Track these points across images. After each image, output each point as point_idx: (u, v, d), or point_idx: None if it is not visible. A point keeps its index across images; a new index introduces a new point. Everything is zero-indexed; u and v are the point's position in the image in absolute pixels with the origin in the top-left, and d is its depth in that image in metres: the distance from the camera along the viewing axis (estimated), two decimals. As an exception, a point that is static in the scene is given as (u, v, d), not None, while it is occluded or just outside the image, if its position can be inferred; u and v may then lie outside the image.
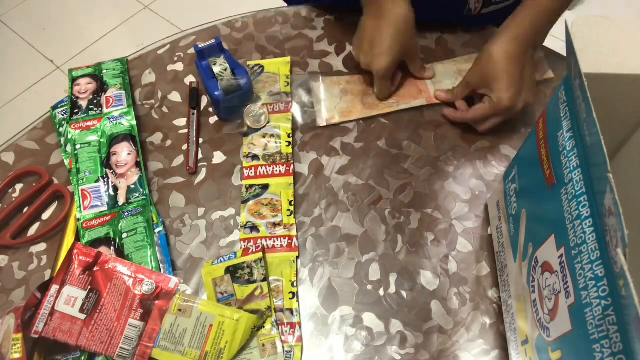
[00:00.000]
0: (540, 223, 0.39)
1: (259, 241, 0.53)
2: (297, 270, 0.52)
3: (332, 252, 0.53)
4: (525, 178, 0.44)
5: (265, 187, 0.57)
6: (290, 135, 0.61)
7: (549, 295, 0.35)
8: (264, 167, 0.58)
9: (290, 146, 0.60)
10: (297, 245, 0.53)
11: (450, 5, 0.67)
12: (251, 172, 0.58)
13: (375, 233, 0.54)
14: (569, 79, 0.35)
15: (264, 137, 0.61)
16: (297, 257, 0.53)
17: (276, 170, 0.58)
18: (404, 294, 0.51)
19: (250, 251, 0.51)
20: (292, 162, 0.59)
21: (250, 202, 0.56)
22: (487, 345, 0.47)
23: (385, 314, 0.49)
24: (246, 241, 0.54)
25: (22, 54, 1.81)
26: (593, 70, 0.34)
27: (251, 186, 0.57)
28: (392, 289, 0.51)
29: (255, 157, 0.59)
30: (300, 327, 0.49)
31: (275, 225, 0.54)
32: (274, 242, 0.53)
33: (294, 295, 0.50)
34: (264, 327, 0.48)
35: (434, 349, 0.47)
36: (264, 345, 0.47)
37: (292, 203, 0.56)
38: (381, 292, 0.51)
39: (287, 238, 0.53)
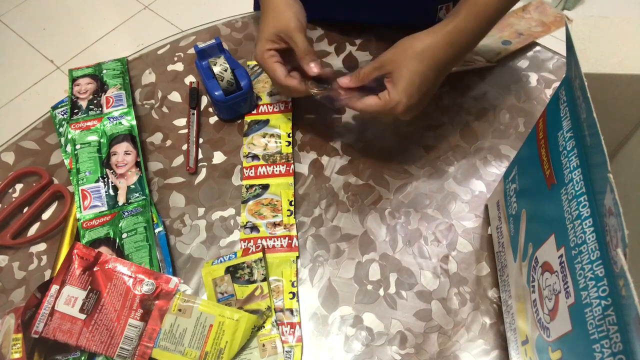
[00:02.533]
0: (540, 223, 0.39)
1: (259, 241, 0.53)
2: (297, 270, 0.52)
3: (332, 252, 0.53)
4: (525, 178, 0.44)
5: (265, 187, 0.57)
6: (290, 135, 0.61)
7: (549, 295, 0.35)
8: (264, 167, 0.58)
9: (290, 146, 0.60)
10: (297, 245, 0.53)
11: (421, 12, 0.66)
12: (251, 172, 0.58)
13: (375, 233, 0.54)
14: (569, 79, 0.35)
15: (264, 137, 0.61)
16: (297, 257, 0.53)
17: (276, 170, 0.58)
18: (404, 294, 0.51)
19: (250, 251, 0.51)
20: (292, 162, 0.59)
21: (251, 202, 0.56)
22: (487, 345, 0.47)
23: (385, 314, 0.49)
24: (246, 241, 0.54)
25: (22, 54, 1.81)
26: (593, 70, 0.34)
27: (251, 186, 0.57)
28: (392, 289, 0.51)
29: (255, 157, 0.59)
30: (300, 327, 0.49)
31: (275, 225, 0.54)
32: (274, 242, 0.53)
33: (294, 295, 0.50)
34: (264, 327, 0.48)
35: (434, 349, 0.47)
36: (264, 345, 0.47)
37: (292, 203, 0.56)
38: (381, 292, 0.51)
39: (287, 238, 0.53)
